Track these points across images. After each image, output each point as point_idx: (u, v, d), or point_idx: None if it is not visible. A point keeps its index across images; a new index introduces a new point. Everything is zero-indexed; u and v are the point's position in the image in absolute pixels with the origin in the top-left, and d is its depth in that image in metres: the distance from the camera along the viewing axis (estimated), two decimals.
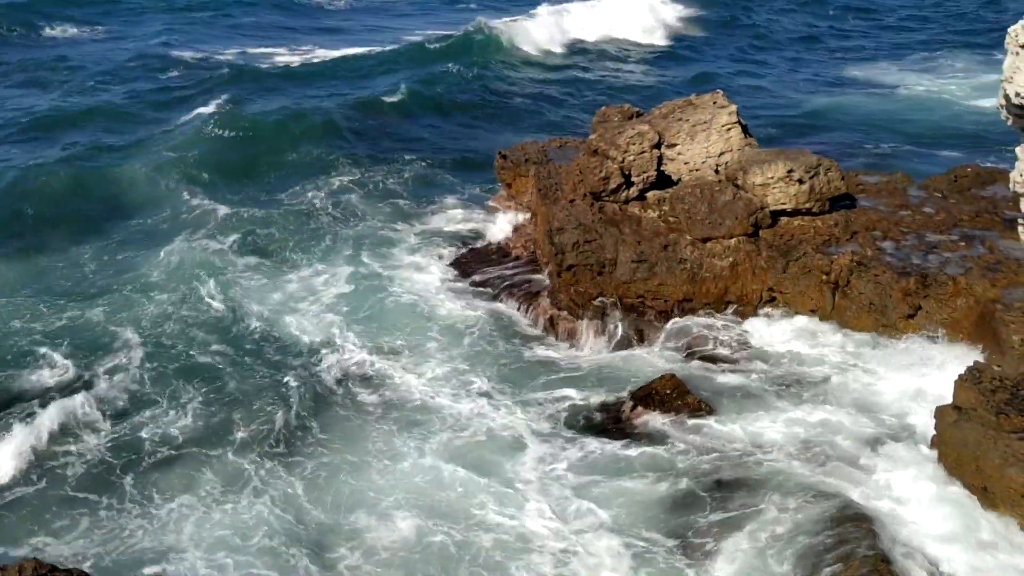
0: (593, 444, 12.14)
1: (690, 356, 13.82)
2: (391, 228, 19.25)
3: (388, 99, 28.32)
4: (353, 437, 12.56)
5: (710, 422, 12.13)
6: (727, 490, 10.78)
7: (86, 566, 9.89)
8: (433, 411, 12.98)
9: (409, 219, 19.70)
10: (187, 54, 36.99)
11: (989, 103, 28.94)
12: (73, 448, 12.27)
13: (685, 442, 11.86)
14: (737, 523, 10.24)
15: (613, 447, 12.02)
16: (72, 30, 43.00)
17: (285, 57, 37.70)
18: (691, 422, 12.15)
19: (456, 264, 17.41)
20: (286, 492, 11.31)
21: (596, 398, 13.21)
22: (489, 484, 11.32)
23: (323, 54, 37.28)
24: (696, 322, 14.32)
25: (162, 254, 18.05)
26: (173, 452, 12.22)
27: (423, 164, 23.28)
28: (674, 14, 43.72)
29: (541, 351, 14.56)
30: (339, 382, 13.83)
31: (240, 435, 12.52)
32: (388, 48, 37.15)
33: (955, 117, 29.09)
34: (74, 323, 15.41)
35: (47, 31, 42.03)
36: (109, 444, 12.38)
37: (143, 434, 12.54)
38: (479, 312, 15.62)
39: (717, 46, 41.08)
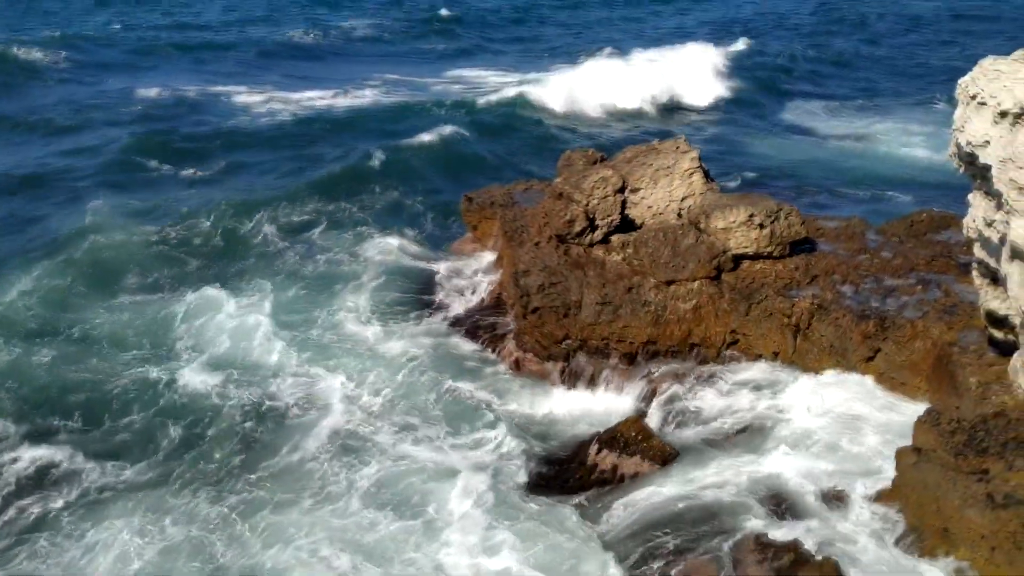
0: (537, 486, 12.13)
1: (655, 400, 13.83)
2: (351, 265, 19.16)
3: (379, 150, 27.65)
4: (286, 472, 12.55)
5: (671, 466, 12.10)
6: (678, 536, 10.66)
7: None
8: (374, 447, 12.96)
9: (372, 258, 19.55)
10: (153, 91, 37.10)
11: (924, 152, 30.11)
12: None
13: (642, 487, 11.78)
14: (685, 570, 10.11)
15: (561, 491, 12.00)
16: (36, 54, 42.76)
17: (249, 97, 37.88)
18: (653, 466, 12.11)
19: (418, 305, 17.33)
20: (212, 526, 11.36)
21: (554, 440, 13.15)
22: (419, 524, 11.32)
23: (313, 99, 37.62)
24: (660, 365, 14.37)
25: (107, 297, 17.97)
26: (103, 487, 12.29)
27: (396, 207, 23.35)
28: (684, 74, 42.78)
29: (499, 392, 14.46)
30: (280, 417, 13.81)
31: (172, 469, 12.67)
32: (395, 100, 37.52)
33: (896, 166, 29.75)
34: (14, 368, 15.19)
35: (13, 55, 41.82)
36: (31, 478, 12.48)
37: (74, 469, 12.64)
38: (438, 351, 15.52)
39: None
